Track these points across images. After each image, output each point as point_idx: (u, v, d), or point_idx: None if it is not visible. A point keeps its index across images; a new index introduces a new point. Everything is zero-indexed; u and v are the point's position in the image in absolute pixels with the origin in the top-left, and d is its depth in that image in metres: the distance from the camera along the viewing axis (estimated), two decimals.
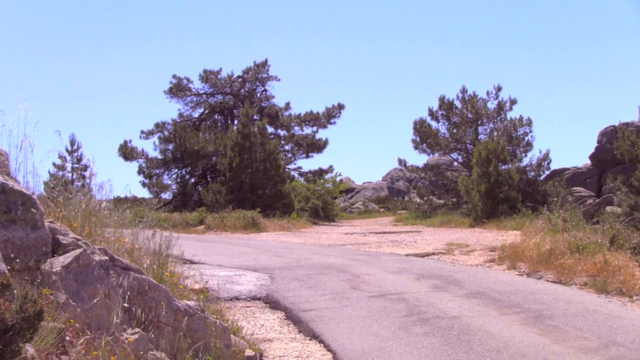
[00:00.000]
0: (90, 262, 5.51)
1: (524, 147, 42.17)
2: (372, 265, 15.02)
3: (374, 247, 21.46)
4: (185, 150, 49.62)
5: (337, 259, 16.78)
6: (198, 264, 14.33)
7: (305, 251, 19.64)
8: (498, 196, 33.70)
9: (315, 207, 46.97)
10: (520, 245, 16.57)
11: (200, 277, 10.99)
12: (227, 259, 16.58)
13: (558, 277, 13.04)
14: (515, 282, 12.47)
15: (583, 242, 14.63)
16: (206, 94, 56.02)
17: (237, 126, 44.31)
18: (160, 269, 8.07)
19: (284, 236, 28.78)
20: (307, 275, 13.38)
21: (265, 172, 42.15)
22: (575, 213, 20.27)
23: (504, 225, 29.45)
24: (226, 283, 11.88)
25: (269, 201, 41.19)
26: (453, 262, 16.56)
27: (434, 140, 43.72)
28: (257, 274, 13.51)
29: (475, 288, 11.57)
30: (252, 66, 55.59)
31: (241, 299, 11.05)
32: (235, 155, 41.90)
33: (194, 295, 8.66)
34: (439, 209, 44.55)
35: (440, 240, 23.56)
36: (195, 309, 6.37)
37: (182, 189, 51.81)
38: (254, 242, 24.81)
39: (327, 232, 32.77)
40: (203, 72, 54.81)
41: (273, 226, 34.38)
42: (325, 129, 55.33)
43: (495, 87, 44.30)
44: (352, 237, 27.34)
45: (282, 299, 10.69)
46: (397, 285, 11.97)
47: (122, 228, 8.47)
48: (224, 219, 33.97)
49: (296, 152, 54.68)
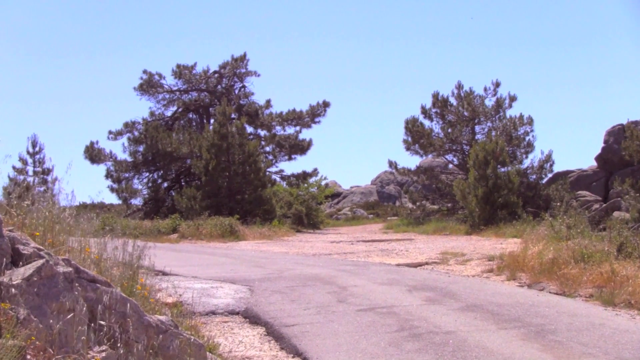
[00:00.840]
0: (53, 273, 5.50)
1: (524, 148, 42.32)
2: (360, 277, 15.04)
3: (363, 257, 21.48)
4: (157, 152, 49.50)
5: (322, 269, 16.78)
6: (171, 275, 14.32)
7: (287, 261, 19.64)
8: (497, 201, 33.79)
9: (299, 214, 46.99)
10: (521, 254, 16.61)
11: (174, 289, 10.97)
12: (203, 270, 16.56)
13: (561, 289, 13.08)
14: (515, 294, 12.50)
15: (588, 250, 14.65)
16: (180, 90, 55.93)
17: (213, 126, 44.26)
18: (130, 281, 8.05)
19: (264, 245, 28.77)
20: (290, 287, 13.38)
21: (244, 176, 42.11)
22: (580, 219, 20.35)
23: (503, 232, 29.54)
24: (202, 296, 11.86)
25: (249, 207, 41.14)
26: (448, 273, 16.60)
27: (427, 141, 43.80)
28: (236, 286, 13.50)
29: (472, 300, 11.59)
30: (230, 60, 55.51)
31: (218, 313, 11.04)
32: (212, 158, 41.84)
33: (166, 310, 8.65)
34: (433, 215, 44.64)
35: (434, 249, 23.60)
36: (167, 325, 6.36)
37: (154, 194, 51.72)
38: (232, 251, 24.78)
39: (312, 240, 32.77)
40: (176, 67, 54.68)
41: (253, 234, 34.36)
42: (309, 128, 55.38)
43: (494, 83, 44.46)
44: (338, 246, 27.34)
45: (263, 313, 10.68)
46: (388, 297, 11.99)
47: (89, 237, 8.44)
48: (199, 226, 33.92)
49: (278, 153, 54.66)
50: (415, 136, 44.09)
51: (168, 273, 14.48)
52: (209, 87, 55.54)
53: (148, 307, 7.57)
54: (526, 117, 42.47)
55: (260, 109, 55.10)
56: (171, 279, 12.99)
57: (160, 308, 8.41)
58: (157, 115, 56.05)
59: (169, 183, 53.68)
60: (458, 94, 44.59)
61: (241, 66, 55.73)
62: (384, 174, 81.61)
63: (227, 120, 43.56)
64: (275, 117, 54.59)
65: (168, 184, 53.62)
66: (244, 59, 55.59)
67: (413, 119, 44.50)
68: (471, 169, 35.62)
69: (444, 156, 46.94)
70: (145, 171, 52.50)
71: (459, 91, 44.60)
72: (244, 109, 53.83)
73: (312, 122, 54.95)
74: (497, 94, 44.23)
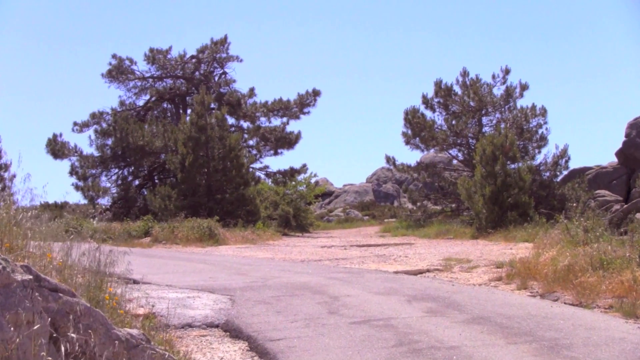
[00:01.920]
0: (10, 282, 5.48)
1: (537, 142, 42.37)
2: (354, 285, 15.03)
3: (357, 263, 21.48)
4: (127, 145, 49.41)
5: (311, 277, 16.78)
6: (143, 284, 14.27)
7: (273, 268, 19.63)
8: (506, 201, 33.81)
9: (286, 215, 47.02)
10: (533, 260, 16.62)
11: (146, 299, 10.95)
12: (179, 278, 16.54)
13: (578, 299, 13.08)
14: (527, 305, 12.51)
15: (608, 256, 14.62)
16: (153, 77, 55.89)
17: (190, 116, 44.26)
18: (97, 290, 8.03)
19: (247, 250, 28.76)
20: (276, 297, 13.37)
21: (225, 173, 42.09)
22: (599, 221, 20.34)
23: (513, 236, 29.56)
24: (177, 307, 11.84)
25: (230, 208, 41.13)
26: (452, 281, 16.60)
27: (429, 134, 43.79)
28: (215, 295, 13.49)
29: (478, 312, 11.60)
30: (209, 44, 55.49)
31: (195, 326, 11.02)
32: (189, 152, 41.80)
33: (137, 322, 8.63)
34: (435, 216, 44.69)
35: (437, 255, 23.62)
36: (138, 339, 6.34)
37: (124, 193, 51.64)
38: (211, 257, 24.77)
39: (300, 244, 32.76)
40: (149, 52, 54.62)
41: (234, 238, 34.34)
42: (297, 120, 55.48)
43: (503, 70, 44.53)
44: (330, 251, 27.35)
45: (245, 326, 10.67)
46: (384, 309, 11.98)
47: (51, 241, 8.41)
48: (174, 229, 33.88)
49: (262, 148, 54.68)
50: (416, 128, 44.08)
51: (139, 281, 14.44)
52: (185, 74, 55.51)
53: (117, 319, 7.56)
54: (539, 108, 42.52)
55: (243, 98, 55.06)
56: (143, 288, 12.94)
57: (131, 320, 8.39)
58: (128, 104, 56.06)
59: (140, 181, 53.63)
60: (463, 82, 44.60)
61: (221, 50, 55.73)
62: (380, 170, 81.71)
63: (206, 110, 43.52)
64: (259, 107, 54.58)
65: (140, 181, 53.58)
66: (225, 43, 55.60)
67: (413, 109, 44.50)
68: (478, 166, 35.62)
69: (448, 151, 46.97)
70: (114, 167, 52.45)
71: (465, 79, 44.62)
72: (225, 98, 53.80)
73: (301, 113, 55.01)
74: (506, 82, 44.31)
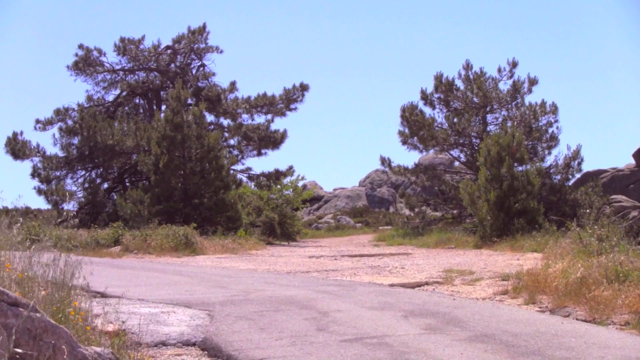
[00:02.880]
0: None
1: (547, 142, 42.47)
2: (345, 299, 15.04)
3: (348, 275, 21.50)
4: (95, 145, 49.34)
5: (298, 290, 16.79)
6: (112, 297, 14.25)
7: (256, 280, 19.63)
8: (513, 207, 33.83)
9: (270, 222, 47.04)
10: (542, 272, 16.63)
11: (116, 315, 10.92)
12: (152, 291, 16.52)
13: (591, 315, 13.11)
14: (535, 321, 12.53)
15: (625, 268, 14.64)
16: (124, 70, 55.88)
17: (165, 113, 44.19)
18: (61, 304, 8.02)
19: (227, 260, 28.75)
20: (259, 312, 13.37)
21: (203, 175, 42.07)
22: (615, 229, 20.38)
23: (521, 245, 29.60)
24: (150, 323, 11.82)
25: (208, 214, 41.11)
26: (453, 295, 16.62)
27: (428, 133, 43.83)
28: (192, 310, 13.48)
29: (481, 329, 11.62)
30: (186, 34, 55.51)
31: (170, 344, 11.01)
32: (163, 152, 41.73)
33: (106, 340, 8.63)
34: (435, 224, 44.79)
35: (436, 266, 23.65)
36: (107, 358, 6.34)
37: (92, 197, 51.53)
38: (188, 268, 24.74)
39: (286, 254, 32.77)
40: (119, 41, 54.62)
41: (213, 247, 34.32)
42: (283, 117, 55.58)
43: (510, 63, 44.57)
44: (318, 262, 27.37)
45: (225, 344, 10.66)
46: (378, 325, 11.99)
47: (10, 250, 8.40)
48: (147, 237, 33.83)
49: (245, 148, 54.73)
50: (414, 127, 44.11)
51: (109, 295, 14.44)
52: (159, 66, 55.50)
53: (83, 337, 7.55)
54: (549, 105, 42.62)
55: (223, 93, 55.06)
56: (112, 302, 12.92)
57: (99, 338, 8.39)
58: (96, 100, 56.03)
59: (110, 184, 53.61)
60: (466, 76, 44.67)
61: (200, 40, 55.76)
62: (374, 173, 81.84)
63: (182, 106, 43.45)
64: (241, 103, 54.59)
65: (109, 184, 53.56)
66: (203, 32, 55.62)
67: (411, 105, 44.54)
68: (482, 168, 35.65)
69: (449, 152, 47.04)
70: (81, 169, 52.41)
71: (468, 72, 44.69)
72: (203, 92, 53.80)
73: (287, 109, 55.08)
74: (513, 76, 44.40)
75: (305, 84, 54.90)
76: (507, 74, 44.39)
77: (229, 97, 54.97)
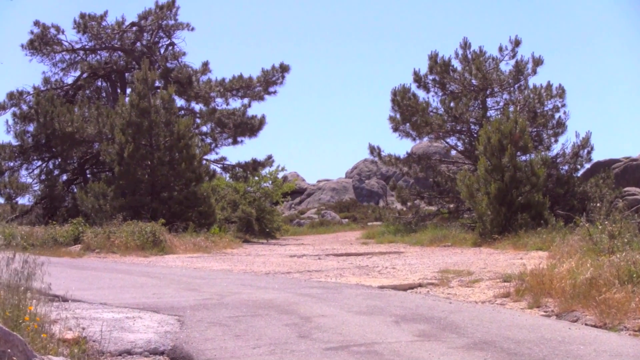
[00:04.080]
0: None
1: (553, 129, 42.53)
2: (330, 303, 15.06)
3: (333, 276, 21.52)
4: (53, 132, 49.12)
5: (278, 293, 16.80)
6: (72, 301, 14.23)
7: (231, 282, 19.64)
8: (515, 201, 33.87)
9: (247, 217, 47.07)
10: (548, 272, 16.66)
11: (76, 321, 10.91)
12: (116, 295, 16.51)
13: (602, 320, 13.14)
14: (540, 327, 12.56)
15: (639, 268, 14.70)
16: (85, 49, 55.65)
17: (130, 97, 44.11)
18: (15, 310, 8.02)
19: (199, 260, 28.75)
20: (234, 317, 13.37)
21: (173, 166, 41.98)
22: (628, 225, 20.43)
23: (524, 243, 29.66)
24: (113, 330, 11.81)
25: (178, 208, 41.06)
26: (449, 298, 16.66)
27: (422, 119, 43.79)
28: (160, 316, 13.47)
29: (480, 335, 11.64)
30: (154, 9, 55.28)
31: (136, 353, 11.00)
32: (128, 141, 41.60)
33: (65, 348, 8.62)
34: (430, 219, 44.85)
35: (431, 266, 23.70)
36: None
37: (49, 190, 51.36)
38: (156, 269, 24.74)
39: (265, 253, 32.80)
40: (80, 18, 54.27)
41: (184, 245, 34.30)
42: (261, 101, 55.43)
43: (512, 41, 44.60)
44: (300, 262, 27.39)
45: (197, 353, 10.66)
46: (367, 331, 12.01)
47: None
48: (110, 235, 33.74)
49: (218, 135, 54.59)
50: (406, 112, 44.09)
51: (68, 298, 14.41)
52: (124, 45, 55.28)
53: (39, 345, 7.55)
54: (556, 87, 42.65)
55: (195, 75, 54.87)
56: (72, 307, 12.91)
57: (57, 346, 8.38)
58: (54, 82, 55.77)
59: (69, 175, 53.46)
60: (464, 56, 44.66)
61: (169, 17, 55.56)
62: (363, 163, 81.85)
63: (150, 89, 43.31)
64: (215, 86, 54.42)
65: (68, 176, 53.40)
66: (173, 7, 55.42)
67: (403, 88, 44.50)
68: (481, 157, 35.65)
69: (445, 139, 47.01)
70: (37, 159, 52.24)
71: (465, 52, 44.68)
72: (173, 74, 53.60)
73: (266, 93, 54.94)
74: (516, 55, 44.44)
75: (285, 64, 54.75)
76: (509, 53, 44.46)
77: (201, 80, 54.80)
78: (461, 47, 44.73)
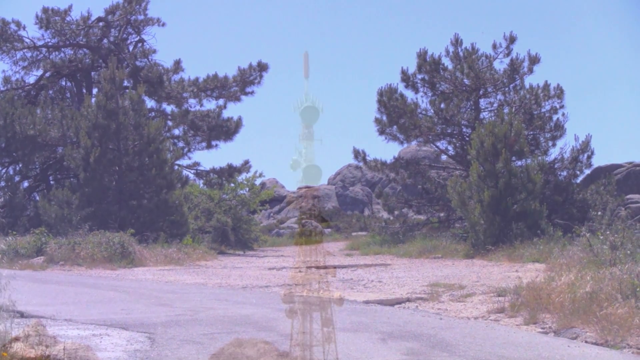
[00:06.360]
0: None
1: (551, 132, 42.54)
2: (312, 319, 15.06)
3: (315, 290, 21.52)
4: (13, 136, 48.86)
5: (255, 309, 16.81)
6: (34, 318, 14.22)
7: (205, 297, 19.64)
8: (510, 209, 33.86)
9: (222, 227, 47.01)
10: (545, 286, 16.70)
11: (39, 339, 10.90)
12: (81, 310, 16.48)
13: (603, 336, 13.16)
14: (537, 345, 12.59)
15: None
16: (48, 46, 55.39)
17: (96, 98, 44.02)
18: None
19: (171, 273, 28.73)
20: (209, 335, 13.36)
21: (142, 172, 41.89)
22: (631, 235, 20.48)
23: (520, 254, 29.68)
24: (79, 348, 11.77)
25: (148, 218, 40.98)
26: (439, 314, 16.69)
27: (411, 121, 43.71)
28: (129, 333, 13.46)
29: (473, 354, 11.65)
30: (122, 3, 55.00)
31: None
32: (94, 145, 41.48)
33: None
34: (418, 229, 44.80)
35: (420, 279, 23.74)
36: None
37: (9, 198, 51.07)
38: (125, 282, 24.73)
39: (242, 266, 32.81)
40: (42, 12, 53.95)
41: (155, 257, 34.24)
42: (237, 102, 55.16)
43: (506, 38, 44.47)
44: (280, 275, 27.42)
45: None
46: (351, 350, 12.01)
47: None
48: (76, 246, 33.60)
49: (191, 139, 54.44)
50: (393, 114, 43.98)
51: (30, 315, 14.41)
52: (90, 42, 55.06)
53: None
54: (553, 87, 42.60)
55: (166, 74, 54.62)
56: (34, 324, 12.91)
57: None
58: (14, 82, 55.48)
59: (31, 182, 53.24)
60: (455, 53, 44.56)
61: (138, 11, 55.31)
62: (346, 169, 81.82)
63: (118, 89, 43.23)
64: (187, 86, 54.22)
65: (30, 183, 53.18)
66: (142, 1, 55.21)
67: (390, 88, 44.38)
68: (474, 162, 35.64)
69: (435, 143, 46.94)
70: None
71: (457, 49, 44.57)
72: (142, 73, 53.39)
73: (242, 93, 54.73)
74: (511, 53, 44.31)
75: (263, 63, 54.47)
76: (503, 50, 44.37)
77: (173, 79, 54.52)
78: (452, 44, 44.61)
